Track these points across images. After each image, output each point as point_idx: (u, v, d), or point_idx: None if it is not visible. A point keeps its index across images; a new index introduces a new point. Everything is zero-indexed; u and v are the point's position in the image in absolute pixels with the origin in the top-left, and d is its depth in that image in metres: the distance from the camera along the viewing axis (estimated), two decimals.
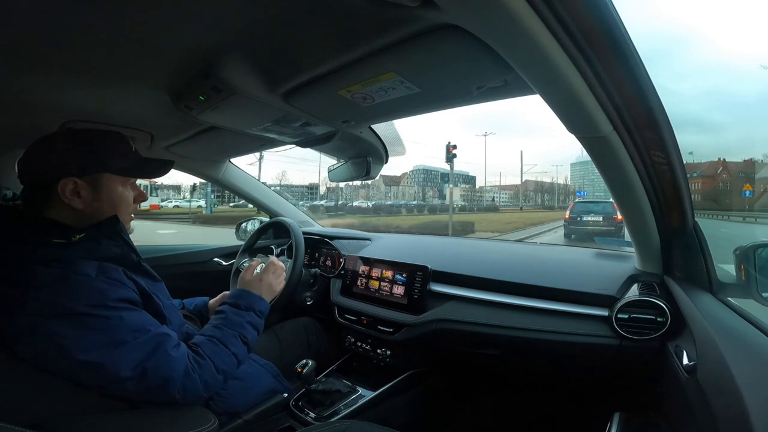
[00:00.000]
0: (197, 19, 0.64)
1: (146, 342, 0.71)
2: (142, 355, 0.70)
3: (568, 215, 11.49)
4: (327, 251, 1.66)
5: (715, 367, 0.63)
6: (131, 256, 0.80)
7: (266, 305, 1.01)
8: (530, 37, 0.51)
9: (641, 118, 0.69)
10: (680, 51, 34.92)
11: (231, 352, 0.85)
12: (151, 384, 0.71)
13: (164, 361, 0.72)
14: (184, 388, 0.74)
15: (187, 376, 0.75)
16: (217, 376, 0.81)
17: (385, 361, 1.33)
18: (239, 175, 1.81)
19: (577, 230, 10.80)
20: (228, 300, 0.98)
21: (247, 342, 0.91)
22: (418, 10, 0.54)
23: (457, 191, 51.55)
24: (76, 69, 0.81)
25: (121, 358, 0.68)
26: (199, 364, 0.78)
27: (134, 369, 0.69)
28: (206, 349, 0.82)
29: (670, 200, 0.87)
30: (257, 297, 1.00)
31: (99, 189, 0.79)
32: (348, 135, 1.19)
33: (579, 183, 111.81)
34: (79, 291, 0.67)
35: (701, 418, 0.63)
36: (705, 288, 0.90)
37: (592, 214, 10.75)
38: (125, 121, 1.16)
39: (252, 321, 0.94)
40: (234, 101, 0.88)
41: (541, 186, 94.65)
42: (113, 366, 0.67)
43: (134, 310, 0.74)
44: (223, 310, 0.94)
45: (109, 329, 0.68)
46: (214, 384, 0.81)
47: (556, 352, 1.05)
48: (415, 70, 0.74)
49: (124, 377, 0.68)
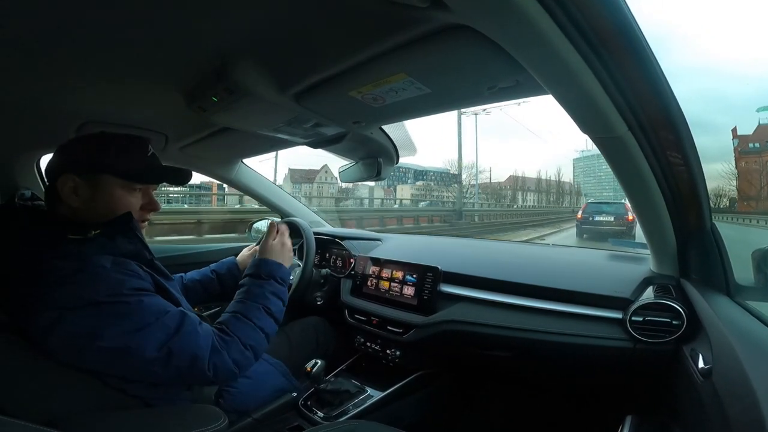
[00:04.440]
0: (210, 21, 0.65)
1: (168, 322, 0.72)
2: (166, 335, 0.71)
3: (580, 215, 11.88)
4: (337, 251, 1.67)
5: (731, 371, 0.62)
6: (144, 254, 0.81)
7: (287, 271, 1.01)
8: (542, 36, 0.51)
9: (657, 118, 0.68)
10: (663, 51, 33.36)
11: (256, 326, 0.85)
12: (180, 364, 0.72)
13: (189, 338, 0.73)
14: (214, 366, 0.75)
15: (215, 353, 0.75)
16: (246, 352, 0.81)
17: (394, 361, 1.33)
18: (251, 175, 1.83)
19: (589, 230, 11.10)
20: (248, 272, 0.99)
21: (272, 314, 0.90)
22: (428, 10, 0.54)
23: (407, 189, 48.80)
24: (93, 71, 0.82)
25: (145, 340, 0.69)
26: (225, 342, 0.79)
27: (159, 349, 0.70)
28: (230, 325, 0.83)
29: (687, 201, 0.85)
30: (276, 264, 1.00)
31: (97, 190, 0.78)
32: (358, 136, 1.20)
33: (582, 180, 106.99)
34: (97, 282, 0.68)
35: (716, 422, 0.62)
36: (722, 291, 0.88)
37: (604, 214, 11.06)
38: (141, 123, 1.18)
39: (274, 290, 0.94)
40: (246, 102, 0.89)
41: (536, 183, 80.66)
42: (138, 348, 0.68)
43: (153, 296, 0.75)
44: (243, 283, 0.95)
45: (130, 315, 0.69)
46: (244, 361, 0.81)
47: (568, 355, 1.04)
48: (426, 71, 0.74)
49: (151, 358, 0.69)
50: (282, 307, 0.95)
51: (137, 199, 0.85)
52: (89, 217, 0.78)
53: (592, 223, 11.11)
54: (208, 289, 1.29)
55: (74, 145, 0.82)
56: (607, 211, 11.12)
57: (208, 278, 1.30)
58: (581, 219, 11.57)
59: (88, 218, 0.78)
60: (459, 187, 25.34)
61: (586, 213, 11.57)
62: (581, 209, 12.46)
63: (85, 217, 0.78)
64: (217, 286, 1.31)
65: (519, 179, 75.34)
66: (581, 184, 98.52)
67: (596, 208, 11.67)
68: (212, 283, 1.30)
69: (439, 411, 1.37)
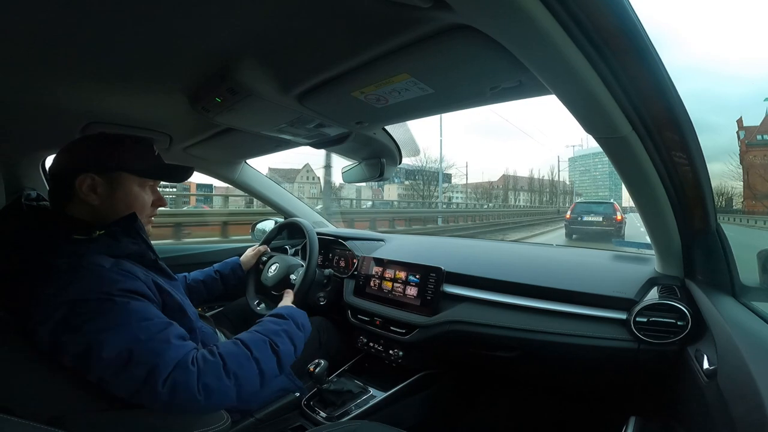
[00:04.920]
0: (214, 22, 0.65)
1: (145, 329, 0.67)
2: (133, 339, 0.65)
3: (569, 215, 11.86)
4: (340, 252, 1.67)
5: (736, 372, 0.61)
6: (148, 255, 0.82)
7: (308, 323, 0.99)
8: (545, 36, 0.51)
9: (661, 118, 0.67)
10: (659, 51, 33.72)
11: (253, 356, 0.76)
12: (135, 373, 0.64)
13: (156, 347, 0.66)
14: (172, 383, 0.65)
15: (180, 369, 0.66)
16: (225, 380, 0.70)
17: (397, 362, 1.33)
18: (254, 176, 1.84)
19: (578, 230, 11.16)
20: (272, 312, 0.97)
21: (278, 353, 0.82)
22: (430, 10, 0.54)
23: (394, 188, 48.49)
24: (98, 72, 0.83)
25: (108, 338, 0.63)
26: (204, 362, 0.70)
27: (119, 351, 0.63)
28: (222, 348, 0.75)
29: (691, 202, 0.84)
30: (301, 312, 1.00)
31: (115, 187, 0.81)
32: (361, 136, 1.20)
33: (578, 180, 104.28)
34: (90, 280, 0.68)
35: (720, 423, 0.62)
36: (727, 291, 0.88)
37: (593, 214, 11.13)
38: (145, 123, 1.18)
39: (289, 330, 0.89)
40: (249, 103, 0.89)
41: (528, 183, 76.41)
42: (98, 346, 0.63)
43: (142, 301, 0.71)
44: (262, 319, 0.93)
45: (109, 313, 0.66)
46: (217, 390, 0.69)
47: (572, 355, 1.04)
48: (429, 71, 0.74)
49: (106, 359, 0.63)
50: (291, 353, 0.86)
51: (149, 196, 0.89)
52: (107, 214, 0.80)
53: (581, 223, 11.14)
54: (211, 290, 1.30)
55: (89, 144, 0.83)
56: (596, 211, 11.17)
57: (212, 278, 1.31)
58: (570, 219, 11.57)
59: (107, 216, 0.80)
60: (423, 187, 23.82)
61: (574, 213, 11.56)
62: (569, 209, 12.44)
63: (103, 215, 0.80)
64: (221, 287, 1.32)
65: (511, 178, 72.84)
66: (575, 183, 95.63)
67: (585, 208, 11.69)
68: (215, 284, 1.31)
69: (441, 412, 1.37)
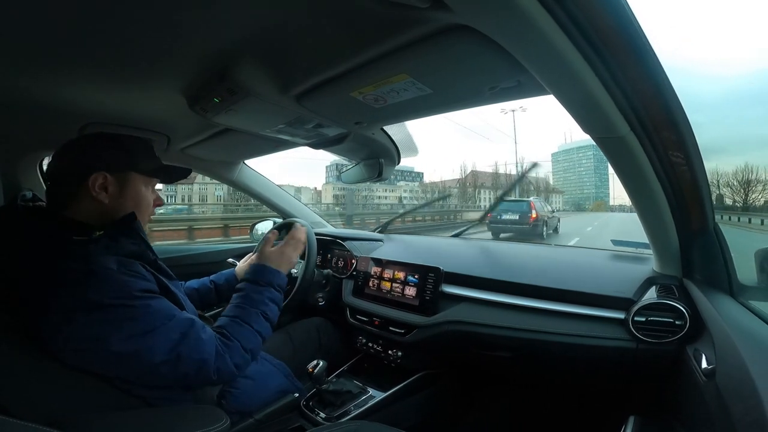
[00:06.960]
0: (213, 22, 0.65)
1: (175, 327, 0.74)
2: (175, 340, 0.73)
3: (490, 214, 11.90)
4: (339, 252, 1.67)
5: (734, 371, 0.62)
6: (148, 255, 0.82)
7: (284, 279, 1.04)
8: (543, 36, 0.51)
9: (659, 118, 0.67)
10: None
11: (255, 330, 0.89)
12: (188, 368, 0.74)
13: (196, 344, 0.75)
14: (218, 369, 0.78)
15: (219, 357, 0.78)
16: (246, 355, 0.84)
17: (396, 362, 1.33)
18: (253, 176, 1.84)
19: (497, 228, 11.39)
20: (247, 276, 1.00)
21: (269, 318, 0.93)
22: (429, 11, 0.54)
23: (329, 189, 47.14)
24: (96, 72, 0.83)
25: (154, 344, 0.70)
26: (227, 346, 0.82)
27: (169, 353, 0.71)
28: (232, 330, 0.85)
29: (689, 201, 0.85)
30: (275, 271, 1.01)
31: (125, 186, 0.83)
32: (360, 136, 1.20)
33: (562, 177, 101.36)
34: (104, 284, 0.68)
35: (719, 422, 0.62)
36: (725, 291, 0.88)
37: (510, 212, 11.39)
38: (143, 124, 1.18)
39: (272, 296, 0.97)
40: (248, 103, 0.89)
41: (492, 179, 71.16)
42: (148, 352, 0.69)
43: (159, 299, 0.76)
44: (243, 287, 0.97)
45: (137, 318, 0.70)
46: (243, 363, 0.84)
47: (570, 355, 1.04)
48: (427, 71, 0.74)
49: (159, 362, 0.70)
50: (277, 312, 0.97)
51: (151, 195, 0.91)
52: (115, 213, 0.82)
53: (500, 222, 11.34)
54: (205, 299, 1.30)
55: (102, 143, 0.84)
56: (513, 210, 11.39)
57: (206, 288, 1.30)
58: (491, 217, 11.60)
59: (114, 215, 0.82)
60: None
61: (496, 212, 11.72)
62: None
63: (110, 214, 0.81)
64: (215, 297, 1.31)
65: (470, 176, 68.60)
66: (554, 179, 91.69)
67: (505, 206, 11.83)
68: (210, 294, 1.30)
69: (441, 412, 1.37)
